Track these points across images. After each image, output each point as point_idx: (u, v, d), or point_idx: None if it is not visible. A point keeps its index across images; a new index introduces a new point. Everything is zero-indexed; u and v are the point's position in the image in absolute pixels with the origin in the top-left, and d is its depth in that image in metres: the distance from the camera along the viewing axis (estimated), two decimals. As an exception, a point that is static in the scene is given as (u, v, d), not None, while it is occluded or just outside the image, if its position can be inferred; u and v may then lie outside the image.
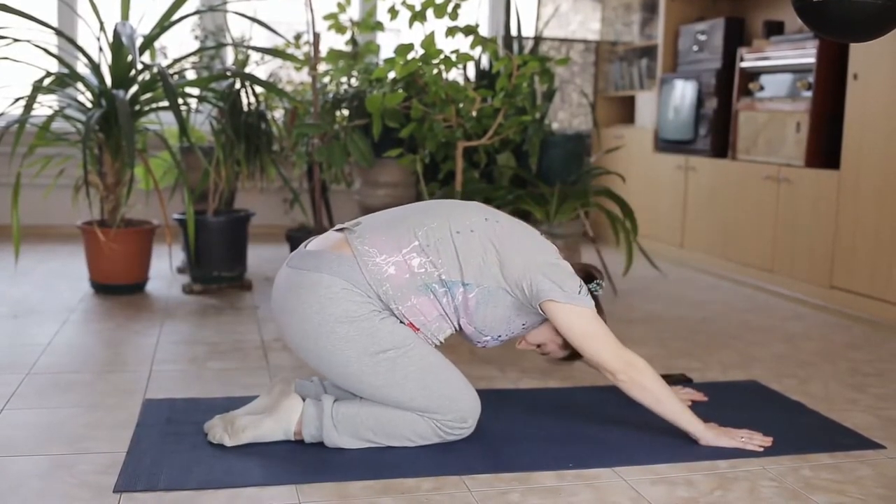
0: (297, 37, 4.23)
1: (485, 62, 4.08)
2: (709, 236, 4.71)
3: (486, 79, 3.92)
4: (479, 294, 2.06)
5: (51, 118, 3.63)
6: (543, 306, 2.06)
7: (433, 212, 2.13)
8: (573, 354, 2.25)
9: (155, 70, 3.64)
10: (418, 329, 2.08)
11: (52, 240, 5.07)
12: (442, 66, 3.28)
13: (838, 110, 3.86)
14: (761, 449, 2.11)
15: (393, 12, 3.43)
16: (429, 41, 3.22)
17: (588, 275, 2.22)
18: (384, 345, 2.00)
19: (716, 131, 4.72)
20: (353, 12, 5.42)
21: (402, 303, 2.04)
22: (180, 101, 3.69)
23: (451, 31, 3.34)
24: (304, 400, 2.09)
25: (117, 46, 3.65)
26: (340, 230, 2.15)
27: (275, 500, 1.80)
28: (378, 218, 2.16)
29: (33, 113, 3.59)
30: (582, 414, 2.36)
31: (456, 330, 2.16)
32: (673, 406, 2.12)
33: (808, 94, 4.01)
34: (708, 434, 2.13)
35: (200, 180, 3.86)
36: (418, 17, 3.34)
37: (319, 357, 2.03)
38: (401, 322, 2.06)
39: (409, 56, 3.24)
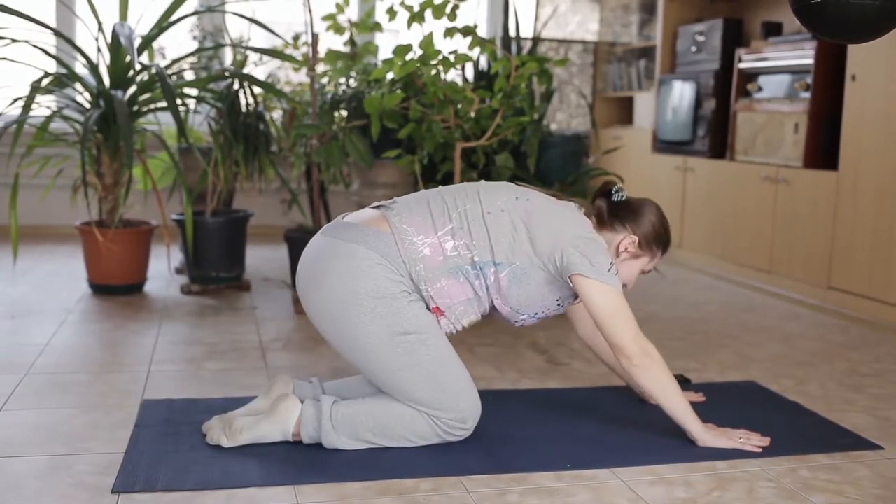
0: (296, 37, 4.23)
1: (483, 63, 4.08)
2: (707, 237, 4.71)
3: (484, 79, 3.92)
4: (510, 273, 2.08)
5: (49, 118, 3.63)
6: (572, 279, 2.07)
7: (466, 194, 2.14)
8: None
9: (153, 70, 3.64)
10: (443, 312, 2.09)
11: (51, 240, 5.07)
12: (440, 67, 3.28)
13: (836, 111, 3.87)
14: (759, 450, 2.12)
15: (391, 13, 3.43)
16: (427, 42, 3.22)
17: (605, 189, 2.25)
18: (407, 327, 2.01)
19: (714, 132, 4.72)
20: (352, 13, 5.42)
21: (432, 284, 2.05)
22: (179, 101, 3.69)
23: (449, 32, 3.33)
24: (302, 402, 2.09)
25: (116, 47, 3.65)
26: (377, 207, 2.16)
27: (272, 500, 1.80)
28: (414, 198, 2.17)
29: (32, 113, 3.59)
30: (580, 415, 2.37)
31: (482, 316, 2.16)
32: (677, 402, 2.12)
33: (807, 94, 4.02)
34: (706, 436, 2.13)
35: (199, 181, 3.86)
36: (417, 17, 3.34)
37: (339, 329, 2.04)
38: (426, 307, 2.07)
39: (408, 57, 3.24)
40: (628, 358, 2.08)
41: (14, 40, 3.56)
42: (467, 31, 3.33)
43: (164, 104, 3.75)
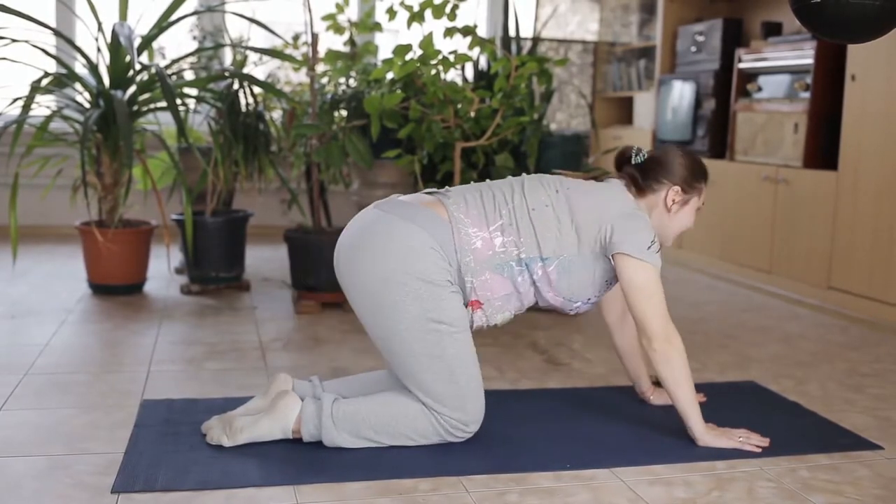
0: (296, 37, 4.23)
1: (483, 63, 4.08)
2: (707, 237, 4.71)
3: (484, 79, 3.92)
4: (558, 265, 2.10)
5: (49, 118, 3.63)
6: (614, 258, 2.10)
7: (513, 189, 2.16)
8: None
9: (153, 70, 3.64)
10: (481, 305, 2.10)
11: (50, 240, 5.07)
12: (440, 67, 3.28)
13: (836, 111, 3.87)
14: (759, 449, 2.12)
15: (391, 13, 3.43)
16: (427, 42, 3.22)
17: (625, 157, 2.29)
18: (442, 317, 2.02)
19: (714, 132, 4.72)
20: (352, 13, 5.42)
21: (478, 276, 2.07)
22: (178, 101, 3.69)
23: (449, 32, 3.34)
24: (302, 399, 2.09)
25: (115, 47, 3.65)
26: (430, 193, 2.18)
27: (272, 500, 1.80)
28: (468, 190, 2.18)
29: (31, 113, 3.59)
30: (580, 415, 2.37)
31: (515, 314, 2.18)
32: (688, 396, 2.13)
33: (806, 94, 4.02)
34: (706, 436, 2.13)
35: (198, 181, 3.86)
36: (416, 17, 3.34)
37: (374, 303, 2.03)
38: (463, 302, 2.08)
39: (408, 57, 3.24)
40: (650, 340, 2.10)
41: (14, 40, 3.56)
42: (467, 30, 3.33)
43: (163, 104, 3.75)
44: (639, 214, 2.15)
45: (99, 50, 3.75)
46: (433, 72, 3.27)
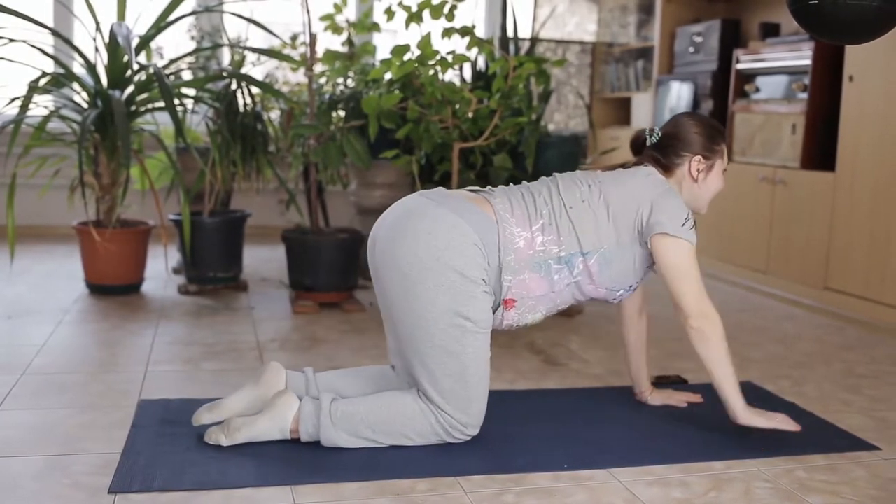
0: (294, 37, 4.22)
1: (481, 63, 4.08)
2: (704, 237, 4.71)
3: (482, 80, 3.92)
4: (599, 258, 2.13)
5: (47, 118, 3.63)
6: (651, 241, 2.13)
7: (549, 190, 2.18)
8: None
9: (151, 70, 3.64)
10: (515, 303, 2.12)
11: (48, 240, 5.06)
12: (438, 68, 3.28)
13: (834, 112, 3.87)
14: (797, 428, 2.16)
15: (389, 13, 3.43)
16: (425, 42, 3.22)
17: (640, 140, 2.32)
18: (470, 314, 2.02)
19: (711, 133, 4.72)
20: (350, 13, 5.42)
21: (517, 275, 2.09)
22: (176, 101, 3.68)
23: (447, 33, 3.33)
24: (300, 399, 2.09)
25: (113, 47, 3.65)
26: (473, 191, 2.20)
27: (269, 500, 1.80)
28: (510, 190, 2.21)
29: (29, 113, 3.58)
30: (577, 415, 2.37)
31: (546, 316, 2.20)
32: (726, 372, 2.16)
33: (804, 95, 4.02)
34: (745, 413, 2.16)
35: (196, 181, 3.85)
36: (415, 18, 3.34)
37: (405, 286, 2.03)
38: (498, 301, 2.10)
39: (406, 57, 3.24)
40: (686, 318, 2.14)
41: (12, 40, 3.55)
42: (465, 31, 3.33)
43: (161, 104, 3.75)
44: (671, 193, 2.18)
45: (97, 50, 3.75)
46: (431, 72, 3.27)
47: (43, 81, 3.66)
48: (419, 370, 2.05)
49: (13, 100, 3.55)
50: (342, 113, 3.76)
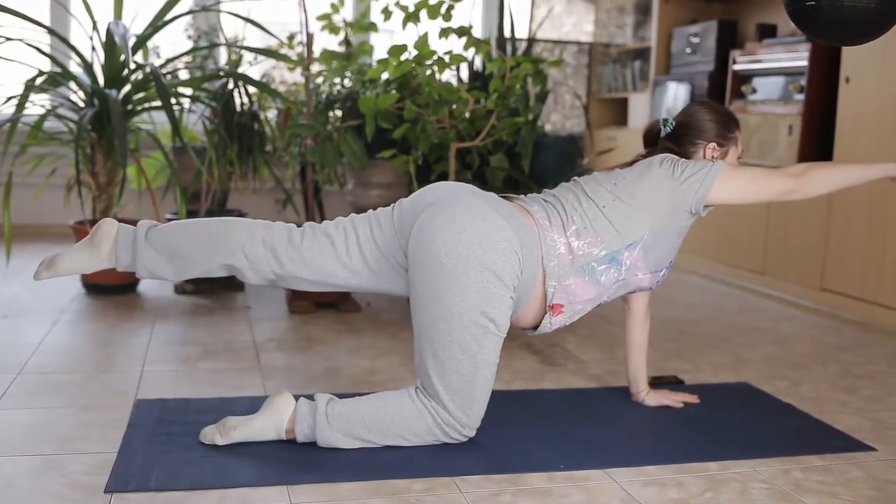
0: (291, 37, 4.22)
1: (478, 63, 4.08)
2: (700, 238, 4.72)
3: (479, 80, 3.92)
4: (643, 245, 2.15)
5: (43, 117, 3.62)
6: (707, 201, 2.15)
7: (576, 196, 2.19)
8: None
9: (148, 70, 3.63)
10: (562, 308, 2.13)
11: (44, 239, 5.05)
12: (435, 68, 3.28)
13: (830, 113, 3.88)
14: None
15: (386, 13, 3.43)
16: (422, 42, 3.22)
17: (654, 133, 2.35)
18: (495, 317, 2.02)
19: (708, 134, 4.72)
20: (347, 13, 5.42)
21: (562, 280, 2.10)
22: (173, 100, 3.68)
23: (444, 33, 3.33)
24: (296, 399, 2.09)
25: (110, 46, 3.64)
26: (506, 198, 2.20)
27: (265, 500, 1.80)
28: (539, 199, 2.22)
29: (25, 112, 3.58)
30: (573, 416, 2.37)
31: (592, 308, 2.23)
32: (852, 170, 2.20)
33: (801, 96, 4.03)
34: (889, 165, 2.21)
35: (193, 180, 3.85)
36: (412, 18, 3.34)
37: (441, 276, 2.00)
38: (549, 301, 2.11)
39: (403, 57, 3.24)
40: (793, 193, 2.16)
41: (8, 38, 3.55)
42: (462, 31, 3.33)
43: (158, 103, 3.74)
44: (682, 160, 2.22)
45: (94, 49, 3.74)
46: (428, 72, 3.27)
47: (39, 80, 3.66)
48: (430, 360, 2.04)
49: (10, 98, 3.55)
50: (339, 113, 3.76)
